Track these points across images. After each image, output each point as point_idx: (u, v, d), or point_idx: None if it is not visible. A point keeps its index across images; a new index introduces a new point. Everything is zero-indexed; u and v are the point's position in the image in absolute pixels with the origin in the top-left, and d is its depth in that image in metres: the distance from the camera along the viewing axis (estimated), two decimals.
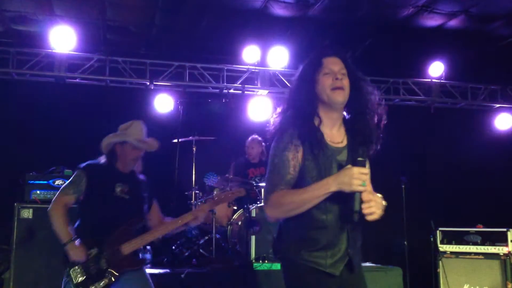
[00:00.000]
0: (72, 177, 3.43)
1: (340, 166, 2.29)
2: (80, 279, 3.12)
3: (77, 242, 3.17)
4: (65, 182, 3.46)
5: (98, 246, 3.22)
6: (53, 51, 6.58)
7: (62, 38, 6.37)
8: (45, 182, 5.48)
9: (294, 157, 2.26)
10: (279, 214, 2.28)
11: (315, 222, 2.26)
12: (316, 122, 2.35)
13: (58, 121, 6.53)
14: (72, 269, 3.14)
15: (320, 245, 2.26)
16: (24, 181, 5.58)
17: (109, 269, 3.16)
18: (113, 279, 3.15)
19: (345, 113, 2.45)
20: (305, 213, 2.22)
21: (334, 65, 2.37)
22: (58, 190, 3.46)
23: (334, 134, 2.38)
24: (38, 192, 5.48)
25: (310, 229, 2.26)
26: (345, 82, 2.35)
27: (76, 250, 3.15)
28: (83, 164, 3.47)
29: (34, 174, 5.64)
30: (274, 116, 2.45)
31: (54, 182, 5.16)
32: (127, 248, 3.24)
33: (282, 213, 2.26)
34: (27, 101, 6.60)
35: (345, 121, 2.45)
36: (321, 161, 2.28)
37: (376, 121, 2.40)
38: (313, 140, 2.28)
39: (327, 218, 2.26)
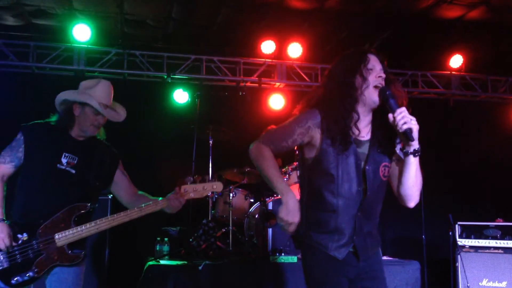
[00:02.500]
0: (12, 141, 2.86)
1: (357, 157, 2.33)
2: (3, 267, 2.67)
3: (2, 224, 2.69)
4: None
5: (29, 231, 2.71)
6: (72, 45, 6.67)
7: (81, 32, 6.44)
8: None
9: (300, 134, 2.34)
10: (253, 159, 2.38)
11: (326, 205, 2.32)
12: (354, 119, 2.34)
13: None
14: None
15: (328, 228, 2.32)
16: None
17: (36, 261, 2.69)
18: (39, 273, 2.69)
19: None
20: (317, 195, 2.33)
21: (376, 63, 2.39)
22: None
23: (362, 128, 2.39)
24: None
25: (321, 212, 2.34)
26: (383, 83, 2.36)
27: None
28: (27, 124, 2.89)
29: None
30: (305, 101, 2.48)
31: None
32: (62, 240, 2.72)
33: (253, 161, 2.38)
34: (47, 95, 6.68)
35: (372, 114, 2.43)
36: (338, 150, 2.31)
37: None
38: (341, 137, 2.31)
39: (338, 203, 2.31)
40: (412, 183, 2.36)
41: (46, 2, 6.04)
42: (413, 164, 2.32)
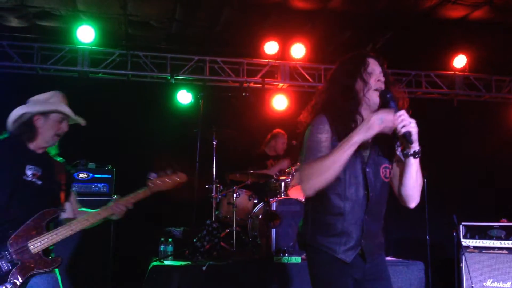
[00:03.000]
0: None
1: (362, 161, 2.35)
2: None
3: None
4: (89, 175, 3.19)
5: (0, 242, 2.64)
6: (76, 46, 6.70)
7: (85, 33, 6.47)
8: None
9: (326, 140, 2.30)
10: (312, 183, 2.23)
11: (333, 208, 2.32)
12: (358, 122, 2.34)
13: (80, 115, 6.62)
14: None
15: (335, 231, 2.32)
16: None
17: (13, 272, 2.60)
18: (18, 284, 2.60)
19: None
20: (324, 199, 2.31)
21: (376, 66, 2.40)
22: (82, 183, 3.13)
23: None
24: None
25: (328, 215, 2.33)
26: (383, 86, 2.37)
27: None
28: None
29: None
30: (310, 107, 2.48)
31: (78, 175, 5.20)
32: (36, 246, 2.66)
33: (313, 180, 2.22)
34: None
35: None
36: None
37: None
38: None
39: (345, 206, 2.32)
40: (413, 184, 2.37)
41: (50, 3, 6.07)
42: (413, 166, 2.32)
